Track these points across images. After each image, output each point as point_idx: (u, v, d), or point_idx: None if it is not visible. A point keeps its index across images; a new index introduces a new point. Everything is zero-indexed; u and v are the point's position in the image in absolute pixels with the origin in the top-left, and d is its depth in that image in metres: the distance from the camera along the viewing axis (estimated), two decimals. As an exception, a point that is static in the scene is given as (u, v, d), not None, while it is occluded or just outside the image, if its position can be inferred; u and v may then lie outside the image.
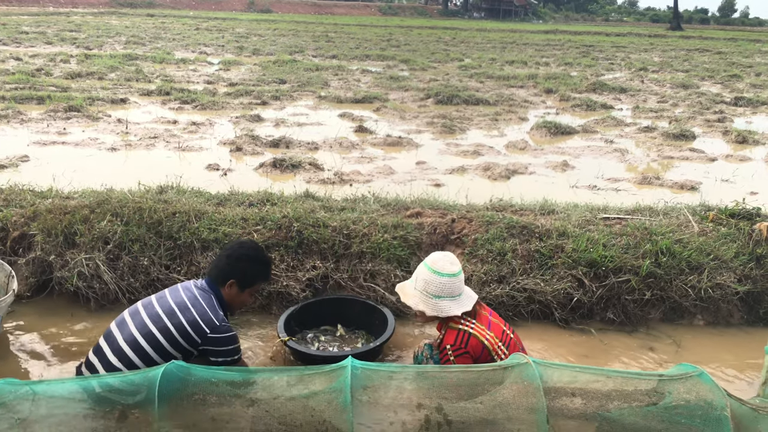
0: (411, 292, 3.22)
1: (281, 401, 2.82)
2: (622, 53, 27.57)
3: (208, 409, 2.79)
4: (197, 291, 3.18)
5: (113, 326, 3.10)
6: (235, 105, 11.30)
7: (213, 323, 3.10)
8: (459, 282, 3.13)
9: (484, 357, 3.10)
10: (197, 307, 3.11)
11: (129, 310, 3.13)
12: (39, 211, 4.51)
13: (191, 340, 3.08)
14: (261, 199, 5.16)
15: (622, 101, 13.74)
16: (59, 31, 25.58)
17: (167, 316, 3.09)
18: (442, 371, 2.93)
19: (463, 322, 3.12)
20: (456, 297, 3.13)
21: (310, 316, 4.00)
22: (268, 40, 26.77)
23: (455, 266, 3.14)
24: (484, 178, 7.23)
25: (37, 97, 10.66)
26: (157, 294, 3.20)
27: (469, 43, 30.22)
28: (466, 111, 11.55)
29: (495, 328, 3.16)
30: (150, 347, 3.04)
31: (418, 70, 18.11)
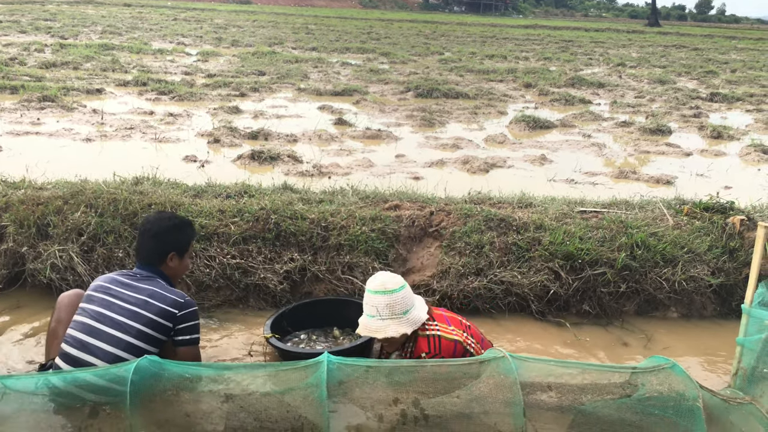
0: (382, 325, 3.08)
1: (256, 397, 2.80)
2: (601, 48, 27.79)
3: (182, 405, 2.75)
4: (143, 282, 3.12)
5: (78, 345, 3.00)
6: (214, 96, 11.19)
7: (177, 302, 3.09)
8: (400, 299, 3.05)
9: (458, 352, 3.09)
10: (155, 296, 3.08)
11: (84, 329, 3.01)
12: (11, 202, 4.42)
13: (165, 329, 3.06)
14: (238, 191, 5.11)
15: (600, 96, 13.84)
16: (34, 20, 25.12)
17: (134, 320, 3.03)
18: (418, 365, 2.92)
19: (428, 327, 3.09)
20: (400, 315, 3.05)
21: (306, 316, 3.95)
22: (248, 31, 26.54)
23: (390, 284, 3.06)
24: (463, 171, 7.24)
25: (10, 87, 10.46)
26: (103, 303, 3.07)
27: (449, 36, 30.24)
28: (445, 104, 11.56)
29: (454, 322, 3.16)
30: (132, 356, 2.99)
31: (398, 63, 18.08)
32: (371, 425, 2.74)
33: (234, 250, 4.31)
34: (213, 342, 3.85)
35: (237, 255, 4.29)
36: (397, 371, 2.88)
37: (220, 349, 3.79)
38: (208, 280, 4.21)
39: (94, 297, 3.12)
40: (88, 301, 3.12)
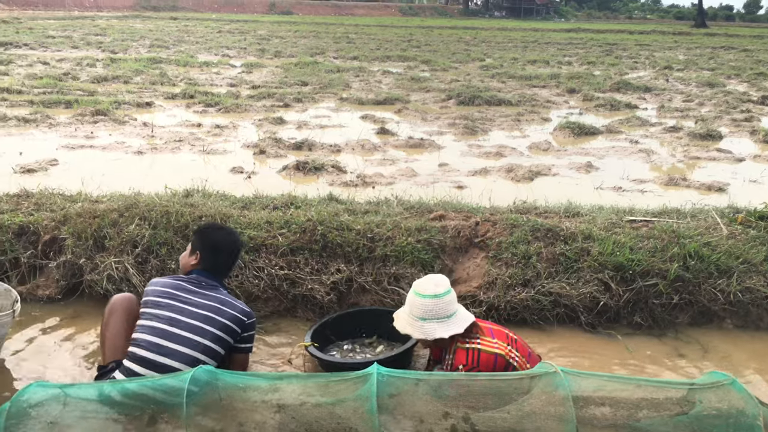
0: (400, 316, 3.22)
1: (308, 408, 2.84)
2: (646, 51, 27.27)
3: (235, 414, 2.81)
4: (209, 290, 3.34)
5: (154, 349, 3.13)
6: (258, 108, 11.38)
7: (245, 311, 3.36)
8: (444, 304, 3.08)
9: (499, 365, 3.07)
10: (227, 304, 3.31)
11: (159, 333, 3.16)
12: (69, 215, 4.58)
13: (234, 334, 3.28)
14: (285, 202, 5.19)
15: (646, 100, 13.59)
16: (85, 35, 25.96)
17: (209, 325, 3.21)
18: (468, 379, 2.92)
19: (469, 341, 3.09)
20: (443, 319, 3.08)
21: (349, 326, 3.99)
22: (290, 42, 26.92)
23: (440, 288, 3.09)
24: (507, 179, 7.20)
25: (64, 102, 10.83)
26: (174, 308, 3.23)
27: (490, 42, 30.10)
28: (488, 112, 11.51)
29: (499, 335, 3.14)
30: (208, 357, 3.18)
31: (439, 70, 18.08)
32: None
33: (282, 261, 4.38)
34: (258, 351, 3.91)
35: (285, 266, 4.36)
36: (446, 384, 2.88)
37: (264, 358, 3.85)
38: (257, 291, 4.29)
39: (161, 303, 3.27)
40: (155, 307, 3.26)
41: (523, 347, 3.17)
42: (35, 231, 4.56)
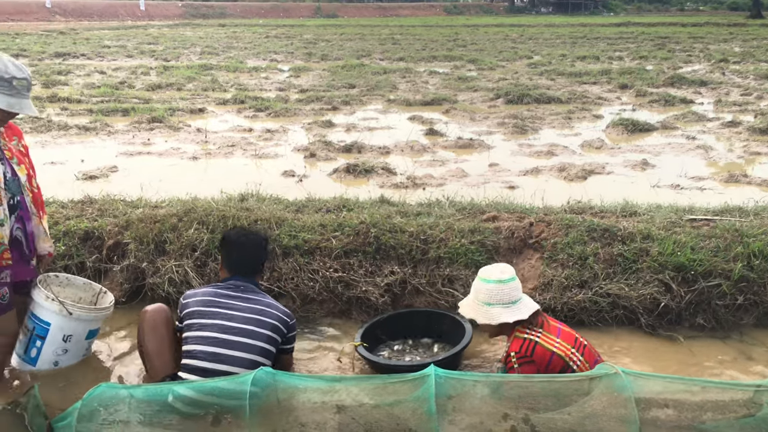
0: (466, 302, 3.31)
1: (366, 409, 2.87)
2: (700, 44, 26.44)
3: (296, 415, 2.86)
4: (249, 294, 3.42)
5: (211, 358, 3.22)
6: (307, 111, 11.52)
7: (287, 312, 3.45)
8: (509, 289, 3.14)
9: (555, 364, 3.05)
10: (270, 306, 3.40)
11: (213, 342, 3.24)
12: (131, 221, 4.73)
13: (281, 333, 3.36)
14: (337, 205, 5.25)
15: (702, 95, 13.20)
16: (138, 44, 26.72)
17: (260, 327, 3.29)
18: (526, 381, 2.90)
19: (529, 332, 3.11)
20: (508, 304, 3.13)
21: (401, 327, 4.03)
22: (336, 45, 27.13)
23: (505, 274, 3.17)
24: (559, 179, 7.11)
25: (122, 110, 11.17)
26: (221, 315, 3.31)
27: (537, 39, 29.70)
28: (537, 110, 11.37)
29: (566, 336, 3.12)
30: (264, 358, 3.27)
31: (486, 69, 17.94)
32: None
33: (336, 264, 4.43)
34: (311, 353, 3.96)
35: (339, 268, 4.41)
36: (505, 386, 2.87)
37: (318, 360, 3.90)
38: (313, 293, 4.35)
39: (206, 312, 3.33)
40: (201, 317, 3.32)
41: (590, 353, 3.13)
42: (99, 236, 4.73)
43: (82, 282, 4.02)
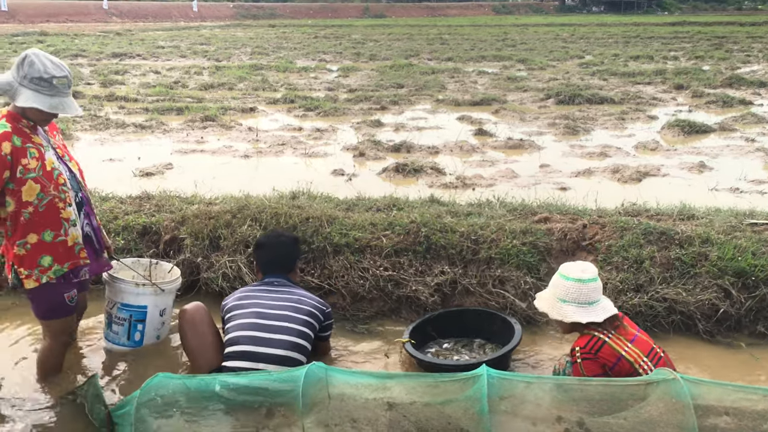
0: (543, 296, 3.28)
1: (417, 407, 2.87)
2: (759, 44, 25.51)
3: (348, 410, 2.89)
4: (285, 287, 3.58)
5: (252, 341, 3.33)
6: (356, 111, 11.58)
7: (322, 301, 3.62)
8: (588, 290, 3.08)
9: (622, 368, 2.99)
10: (304, 296, 3.56)
11: (252, 327, 3.37)
12: (186, 216, 4.85)
13: (318, 319, 3.50)
14: (387, 204, 5.26)
15: (762, 96, 12.76)
16: (191, 45, 27.31)
17: (297, 313, 3.43)
18: (581, 383, 2.86)
19: (600, 331, 3.05)
20: (584, 304, 3.08)
21: (451, 325, 4.03)
22: (384, 45, 27.19)
23: (586, 273, 3.10)
24: (613, 180, 6.98)
25: (176, 108, 11.44)
26: (259, 306, 3.46)
27: (589, 39, 29.17)
28: (589, 111, 11.18)
29: (641, 343, 3.05)
30: (304, 341, 3.40)
31: (536, 69, 17.72)
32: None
33: (386, 263, 4.44)
34: (359, 350, 3.99)
35: (389, 267, 4.42)
36: (559, 388, 2.84)
37: (368, 357, 3.93)
38: (363, 292, 4.37)
39: (244, 303, 3.49)
40: (239, 308, 3.48)
41: (665, 364, 3.04)
42: (157, 231, 4.86)
43: (130, 261, 4.17)
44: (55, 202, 3.24)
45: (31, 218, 3.19)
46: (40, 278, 3.26)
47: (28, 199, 3.16)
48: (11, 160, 3.09)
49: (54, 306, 3.37)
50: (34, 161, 3.16)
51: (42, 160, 3.20)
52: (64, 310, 3.41)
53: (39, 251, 3.24)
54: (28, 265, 3.24)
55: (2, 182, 3.11)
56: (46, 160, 3.22)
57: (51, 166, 3.24)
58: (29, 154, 3.15)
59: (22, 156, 3.13)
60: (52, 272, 3.28)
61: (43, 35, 30.70)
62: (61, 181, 3.27)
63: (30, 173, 3.15)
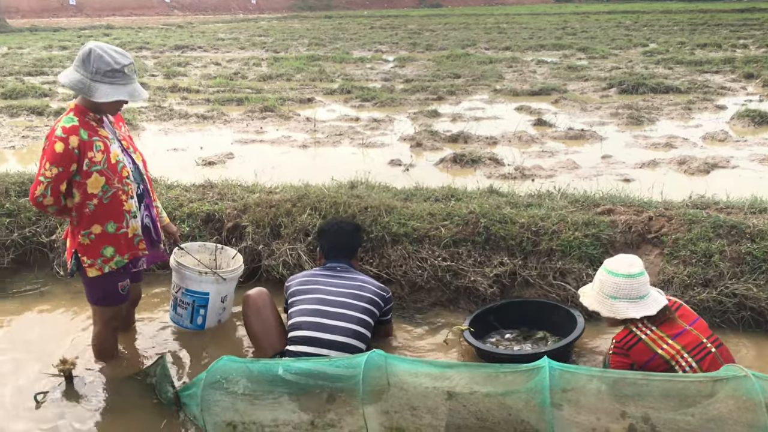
0: (588, 293, 3.24)
1: (478, 397, 2.87)
2: (839, 29, 24.23)
3: (408, 398, 2.90)
4: (347, 273, 3.66)
5: (314, 327, 3.40)
6: (412, 101, 11.56)
7: (382, 287, 3.69)
8: (638, 284, 3.03)
9: (655, 365, 2.96)
10: (365, 281, 3.63)
11: (315, 313, 3.46)
12: (248, 205, 4.95)
13: (379, 306, 3.58)
14: (445, 194, 5.25)
15: (840, 84, 12.10)
16: (250, 37, 27.75)
17: (357, 300, 3.49)
18: (646, 379, 2.80)
19: (641, 327, 3.02)
20: (635, 299, 3.03)
21: (514, 315, 4.01)
22: (440, 34, 27.00)
23: (634, 268, 3.05)
24: (679, 172, 6.76)
25: (236, 99, 11.66)
26: (321, 292, 3.54)
27: (653, 26, 28.27)
28: (654, 100, 10.85)
29: (686, 337, 2.97)
30: (364, 329, 3.45)
31: (597, 58, 17.28)
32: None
33: (444, 253, 4.43)
34: (418, 339, 4.01)
35: (447, 257, 4.41)
36: (622, 383, 2.79)
37: (426, 346, 3.94)
38: (421, 282, 4.38)
39: (306, 289, 3.56)
40: (302, 294, 3.55)
41: (714, 360, 2.95)
42: (220, 219, 4.98)
43: (197, 246, 4.31)
44: (119, 194, 3.33)
45: (95, 210, 3.29)
46: (103, 268, 3.37)
47: (93, 191, 3.26)
48: (78, 154, 3.18)
49: (108, 294, 3.48)
50: (99, 154, 3.25)
51: (107, 153, 3.28)
52: (116, 298, 3.53)
53: (102, 242, 3.34)
54: (92, 254, 3.35)
55: (69, 175, 3.21)
56: (111, 152, 3.30)
57: (116, 159, 3.32)
58: (95, 147, 3.24)
59: (89, 149, 3.21)
60: (114, 263, 3.39)
61: (109, 29, 31.77)
62: (125, 174, 3.36)
63: (95, 166, 3.23)
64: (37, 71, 16.10)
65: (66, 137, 3.15)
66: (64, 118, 3.23)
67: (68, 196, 3.29)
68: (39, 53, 20.52)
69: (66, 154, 3.15)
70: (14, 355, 3.86)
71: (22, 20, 39.71)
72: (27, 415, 3.33)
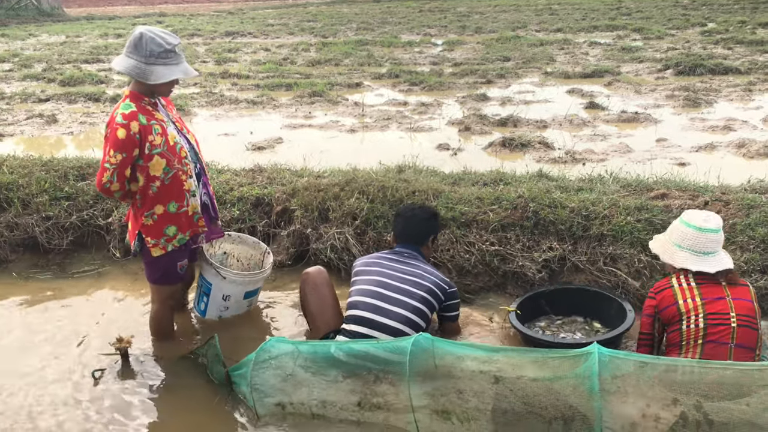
0: (659, 237, 3.30)
1: (525, 381, 2.86)
2: None
3: (455, 381, 2.92)
4: (410, 260, 3.60)
5: (371, 309, 3.41)
6: (461, 85, 11.45)
7: (446, 280, 3.60)
8: (705, 239, 3.01)
9: (669, 314, 3.03)
10: (428, 272, 3.55)
11: (373, 295, 3.45)
12: (297, 189, 5.01)
13: (438, 298, 3.50)
14: (494, 178, 5.20)
15: None
16: (299, 22, 27.87)
17: (414, 287, 3.45)
18: (700, 366, 2.74)
19: (681, 277, 3.06)
20: (699, 253, 3.02)
21: (567, 302, 3.96)
22: (490, 17, 26.57)
23: (708, 223, 3.04)
24: (738, 156, 6.52)
25: (285, 84, 11.76)
26: (383, 274, 3.52)
27: (712, 5, 27.15)
28: (712, 82, 10.47)
29: (717, 305, 2.95)
30: (419, 318, 3.41)
31: (653, 38, 16.74)
32: (647, 424, 2.64)
33: (492, 237, 4.41)
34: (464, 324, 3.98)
35: (495, 242, 4.39)
36: (674, 370, 2.74)
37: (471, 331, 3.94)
38: (468, 266, 4.37)
39: (370, 270, 3.57)
40: (365, 274, 3.56)
41: (737, 335, 2.91)
42: (269, 202, 5.06)
43: (252, 241, 4.34)
44: (179, 174, 3.44)
45: (158, 191, 3.40)
46: (167, 246, 3.50)
47: (156, 173, 3.37)
48: (140, 138, 3.29)
49: (167, 273, 3.60)
50: (158, 137, 3.35)
51: (165, 135, 3.39)
52: (175, 277, 3.65)
53: (165, 221, 3.46)
54: (155, 234, 3.47)
55: (133, 159, 3.33)
56: (168, 135, 3.40)
57: (174, 141, 3.43)
58: (154, 130, 3.34)
59: (149, 133, 3.32)
60: (177, 240, 3.51)
61: (162, 16, 32.38)
62: (183, 155, 3.47)
63: (156, 149, 3.34)
64: (94, 59, 16.56)
65: (127, 123, 3.26)
66: (122, 104, 3.34)
67: (132, 181, 3.41)
68: (95, 41, 21.08)
69: (128, 139, 3.26)
70: (74, 333, 4.03)
71: (78, 9, 40.87)
72: (86, 391, 3.47)
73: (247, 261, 4.30)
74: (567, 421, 2.72)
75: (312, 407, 3.12)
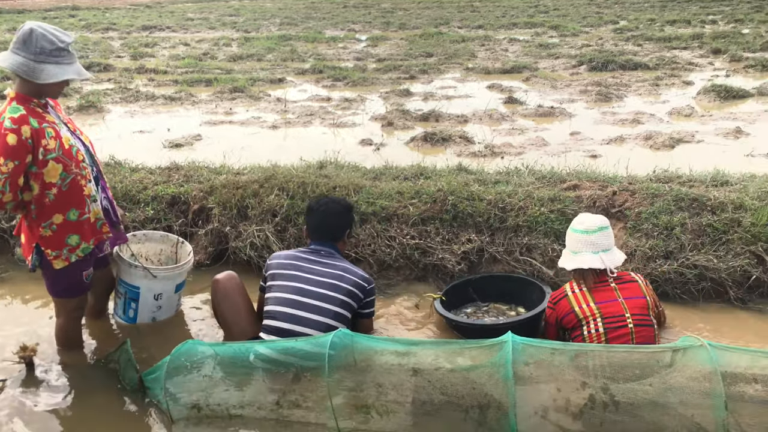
0: (578, 256, 3.38)
1: (443, 372, 2.90)
2: (805, 5, 24.50)
3: (374, 375, 2.93)
4: (329, 259, 3.47)
5: (289, 319, 3.30)
6: (385, 80, 11.49)
7: (365, 277, 3.47)
8: (596, 238, 3.26)
9: (569, 321, 3.26)
10: (347, 270, 3.42)
11: (291, 304, 3.32)
12: (215, 186, 4.90)
13: (357, 298, 3.39)
14: (415, 173, 5.25)
15: (805, 59, 12.27)
16: (220, 16, 27.28)
17: (335, 292, 3.34)
18: (606, 350, 2.87)
19: (573, 285, 3.33)
20: (613, 249, 3.30)
21: (494, 290, 4.06)
22: (414, 13, 26.79)
23: (584, 225, 3.33)
24: (645, 147, 6.83)
25: (205, 80, 11.48)
26: (300, 278, 3.37)
27: (624, 3, 28.29)
28: (623, 77, 10.92)
29: (610, 307, 3.17)
30: (339, 323, 3.29)
31: (568, 36, 17.31)
32: (558, 407, 2.72)
33: (413, 231, 4.45)
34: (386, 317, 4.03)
35: (416, 235, 4.43)
36: (583, 355, 2.85)
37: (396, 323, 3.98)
38: (389, 260, 4.39)
39: (286, 274, 3.41)
40: (281, 278, 3.41)
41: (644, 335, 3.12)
42: (185, 201, 4.92)
43: (159, 235, 4.19)
44: (78, 179, 3.22)
45: (55, 199, 3.17)
46: (70, 257, 3.28)
47: (52, 180, 3.13)
48: (32, 144, 3.04)
49: (72, 284, 3.39)
50: (52, 141, 3.11)
51: (59, 138, 3.15)
52: (81, 287, 3.45)
53: (66, 231, 3.23)
54: (56, 245, 3.24)
55: (26, 167, 3.06)
56: (62, 138, 3.17)
57: (68, 144, 3.19)
58: (47, 134, 3.09)
59: (41, 137, 3.07)
60: (81, 250, 3.30)
61: (75, 9, 30.93)
62: (80, 158, 3.25)
63: (50, 154, 3.10)
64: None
65: (17, 128, 3.00)
66: (9, 108, 3.06)
67: (25, 190, 3.14)
68: (3, 36, 19.96)
69: (20, 145, 3.00)
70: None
71: (-16, 2, 38.56)
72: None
73: (158, 257, 4.15)
74: (483, 408, 2.77)
75: (229, 408, 3.06)
